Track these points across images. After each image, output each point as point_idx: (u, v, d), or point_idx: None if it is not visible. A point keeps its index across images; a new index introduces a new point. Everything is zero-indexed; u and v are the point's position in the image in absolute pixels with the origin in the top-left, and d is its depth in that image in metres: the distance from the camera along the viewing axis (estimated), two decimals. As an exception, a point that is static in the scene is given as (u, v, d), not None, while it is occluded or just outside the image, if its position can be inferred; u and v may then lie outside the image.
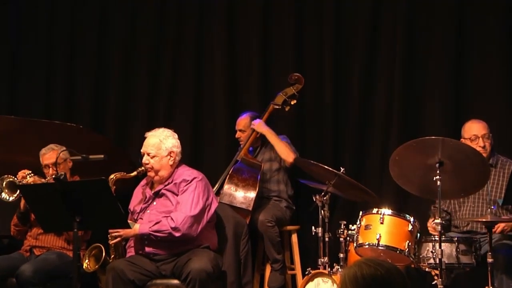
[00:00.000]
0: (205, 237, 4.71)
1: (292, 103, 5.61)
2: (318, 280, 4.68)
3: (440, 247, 4.28)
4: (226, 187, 5.39)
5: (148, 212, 4.76)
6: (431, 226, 4.67)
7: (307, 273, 4.76)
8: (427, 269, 4.48)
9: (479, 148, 4.70)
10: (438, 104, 5.80)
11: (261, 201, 5.49)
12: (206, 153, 6.27)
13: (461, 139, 4.87)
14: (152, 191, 4.80)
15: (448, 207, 4.95)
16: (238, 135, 5.73)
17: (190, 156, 5.93)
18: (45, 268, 4.87)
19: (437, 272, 4.32)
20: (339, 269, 4.65)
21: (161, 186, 4.77)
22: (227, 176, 5.45)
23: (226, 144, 6.09)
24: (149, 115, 6.36)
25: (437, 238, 4.34)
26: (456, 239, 4.45)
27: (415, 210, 5.03)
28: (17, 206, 5.09)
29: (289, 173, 5.61)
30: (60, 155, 4.90)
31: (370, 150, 5.94)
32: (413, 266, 4.51)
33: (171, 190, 4.73)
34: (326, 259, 4.73)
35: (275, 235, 5.36)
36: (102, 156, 4.75)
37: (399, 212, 4.59)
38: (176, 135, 4.86)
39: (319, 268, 4.73)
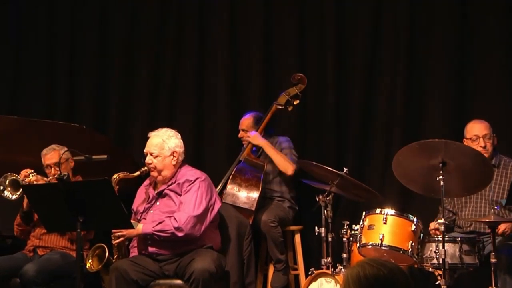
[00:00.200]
0: (208, 237, 4.71)
1: (295, 103, 5.60)
2: (321, 280, 4.68)
3: (444, 247, 4.28)
4: (229, 187, 5.39)
5: (151, 212, 4.76)
6: (433, 228, 4.65)
7: (310, 273, 4.76)
8: (430, 269, 4.47)
9: (479, 148, 4.69)
10: (440, 104, 5.79)
11: (264, 201, 5.48)
12: (208, 153, 6.26)
13: (464, 139, 4.87)
14: (155, 191, 4.80)
15: (452, 208, 4.94)
16: (241, 134, 5.73)
17: (192, 156, 5.92)
18: (49, 268, 4.87)
19: (440, 272, 4.32)
20: (342, 269, 4.66)
21: (164, 186, 4.77)
22: (230, 176, 5.44)
23: (229, 144, 6.09)
24: (151, 115, 6.36)
25: (440, 238, 4.33)
26: (460, 239, 4.44)
27: (418, 210, 5.02)
28: (20, 206, 5.09)
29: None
30: (62, 155, 4.90)
31: (373, 150, 5.93)
32: (416, 266, 4.51)
33: (174, 190, 4.73)
34: (329, 259, 4.73)
35: (278, 235, 5.36)
36: (105, 156, 4.75)
37: (402, 212, 4.59)
38: (179, 135, 4.86)
39: (322, 268, 4.73)
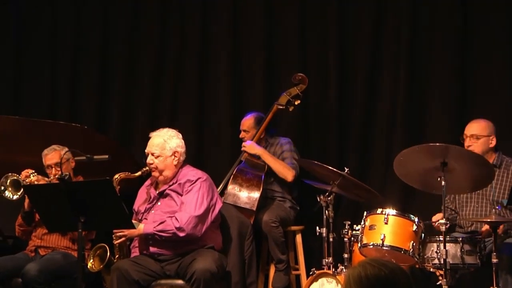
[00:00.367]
0: (209, 237, 4.71)
1: (296, 103, 5.60)
2: (322, 280, 4.68)
3: (445, 247, 4.28)
4: (230, 187, 5.39)
5: (152, 212, 4.76)
6: (436, 220, 4.64)
7: (311, 273, 4.76)
8: (431, 269, 4.48)
9: (466, 147, 4.71)
10: (441, 104, 5.79)
11: (265, 201, 5.48)
12: (209, 153, 6.27)
13: None
14: (157, 191, 4.81)
15: (454, 207, 4.93)
16: (242, 135, 5.73)
17: (194, 156, 5.92)
18: (50, 268, 4.87)
19: (441, 272, 4.32)
20: (344, 270, 4.65)
21: (165, 186, 4.77)
22: (231, 176, 5.44)
23: (230, 144, 6.09)
24: (153, 115, 6.36)
25: (441, 238, 4.33)
26: (461, 239, 4.44)
27: (420, 210, 5.02)
28: (21, 206, 5.09)
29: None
30: (63, 155, 4.90)
31: (375, 150, 5.93)
32: (417, 266, 4.51)
33: (175, 190, 4.73)
34: (330, 259, 4.73)
35: (279, 235, 5.36)
36: (106, 156, 4.73)
37: (403, 212, 4.59)
38: (180, 135, 4.86)
39: (323, 269, 4.73)
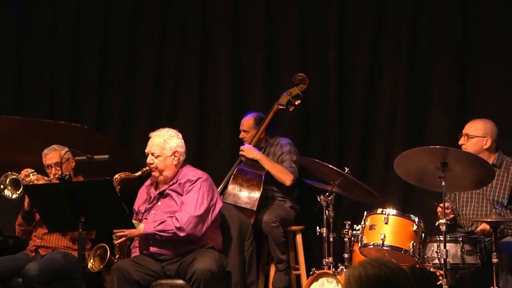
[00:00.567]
0: (209, 237, 4.71)
1: (297, 103, 5.59)
2: (322, 280, 4.68)
3: (445, 247, 4.28)
4: (230, 187, 5.39)
5: (152, 212, 4.76)
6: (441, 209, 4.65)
7: (311, 273, 4.76)
8: (432, 269, 4.48)
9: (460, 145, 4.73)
10: (442, 103, 5.79)
11: (265, 201, 5.49)
12: (210, 153, 6.27)
13: None
14: (157, 191, 4.80)
15: (455, 207, 4.94)
16: (242, 135, 5.73)
17: (194, 156, 5.93)
18: (50, 267, 4.87)
19: (442, 272, 4.32)
20: (344, 269, 4.65)
21: (165, 186, 4.77)
22: (232, 176, 5.44)
23: (230, 144, 6.09)
24: (153, 115, 6.36)
25: (442, 238, 4.33)
26: (461, 239, 4.44)
27: (420, 210, 5.02)
28: (21, 206, 5.09)
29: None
30: (64, 155, 4.90)
31: (375, 150, 5.93)
32: (417, 266, 4.51)
33: (175, 190, 4.73)
34: (330, 259, 4.73)
35: (280, 235, 5.36)
36: (106, 156, 4.73)
37: (403, 212, 4.59)
38: (180, 135, 4.86)
39: (323, 268, 4.73)
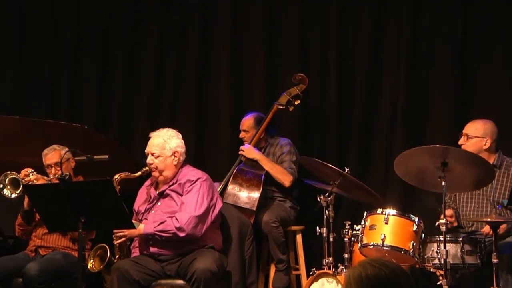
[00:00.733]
0: (209, 237, 4.71)
1: (296, 103, 5.59)
2: (322, 280, 4.69)
3: (445, 247, 4.28)
4: (230, 187, 5.39)
5: (152, 212, 4.76)
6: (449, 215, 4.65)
7: (311, 273, 4.77)
8: (432, 269, 4.48)
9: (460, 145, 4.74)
10: (442, 104, 5.79)
11: (265, 201, 5.48)
12: (210, 153, 6.27)
13: None
14: (157, 192, 4.80)
15: (455, 207, 4.94)
16: (242, 135, 5.73)
17: (194, 156, 5.93)
18: (50, 267, 4.87)
19: (442, 272, 4.32)
20: (344, 270, 4.66)
21: (165, 187, 4.77)
22: (231, 176, 5.44)
23: (230, 144, 6.09)
24: (153, 115, 6.36)
25: (442, 238, 4.33)
26: (461, 239, 4.44)
27: (420, 210, 5.02)
28: (20, 206, 5.08)
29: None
30: (64, 155, 4.90)
31: (375, 150, 5.93)
32: (417, 266, 4.51)
33: (175, 190, 4.73)
34: (330, 259, 4.74)
35: (280, 235, 5.36)
36: (106, 156, 4.73)
37: (403, 212, 4.59)
38: (180, 135, 4.86)
39: (323, 269, 4.73)
